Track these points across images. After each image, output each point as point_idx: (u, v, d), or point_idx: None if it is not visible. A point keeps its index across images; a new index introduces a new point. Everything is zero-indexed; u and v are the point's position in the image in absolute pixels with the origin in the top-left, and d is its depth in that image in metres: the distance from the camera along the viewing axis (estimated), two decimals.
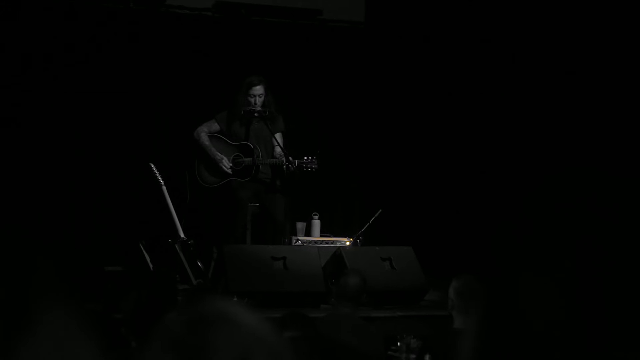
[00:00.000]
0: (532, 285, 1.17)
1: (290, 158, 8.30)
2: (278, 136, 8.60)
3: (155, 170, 8.12)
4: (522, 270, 1.19)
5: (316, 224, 9.17)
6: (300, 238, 8.90)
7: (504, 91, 9.57)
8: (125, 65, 9.48)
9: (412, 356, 5.52)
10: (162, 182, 8.06)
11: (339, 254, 7.96)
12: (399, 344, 5.61)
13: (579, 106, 8.77)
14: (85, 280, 7.26)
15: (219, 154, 8.56)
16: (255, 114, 8.51)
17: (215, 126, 8.70)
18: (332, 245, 8.61)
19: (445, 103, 10.09)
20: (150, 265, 7.70)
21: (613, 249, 1.16)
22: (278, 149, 8.54)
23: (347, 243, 8.75)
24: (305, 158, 8.36)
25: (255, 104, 8.48)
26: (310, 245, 8.60)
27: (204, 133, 8.66)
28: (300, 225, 9.14)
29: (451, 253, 9.04)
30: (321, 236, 9.08)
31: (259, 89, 8.48)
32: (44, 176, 9.10)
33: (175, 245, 7.81)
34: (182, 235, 7.89)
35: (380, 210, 8.94)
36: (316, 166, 8.38)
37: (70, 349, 1.52)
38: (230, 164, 8.54)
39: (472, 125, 9.89)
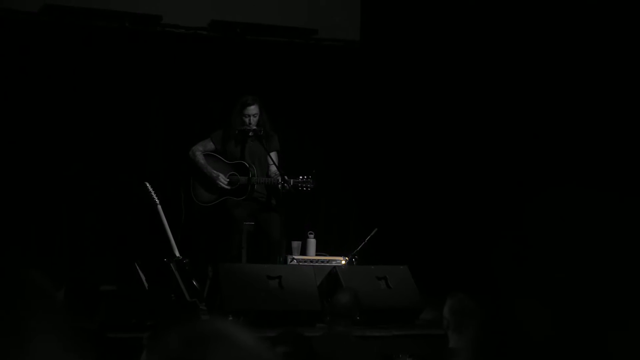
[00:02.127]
0: (530, 302, 1.18)
1: (286, 177, 8.30)
2: (273, 155, 8.61)
3: (151, 189, 8.11)
4: (520, 287, 1.20)
5: (312, 242, 9.17)
6: (295, 257, 8.89)
7: (498, 110, 9.59)
8: (121, 84, 9.49)
9: None
10: (157, 201, 8.05)
11: (334, 272, 7.96)
12: None
13: (568, 123, 8.78)
14: (80, 299, 7.24)
15: (215, 171, 8.57)
16: (250, 134, 8.53)
17: (210, 145, 8.72)
18: (327, 264, 8.59)
19: (440, 122, 10.11)
20: (146, 285, 7.68)
21: (610, 263, 1.17)
22: (273, 168, 8.55)
23: (343, 262, 8.74)
24: (301, 177, 8.36)
25: (250, 123, 8.50)
26: (305, 264, 8.59)
27: (199, 152, 8.67)
28: (296, 244, 9.14)
29: (447, 272, 9.03)
30: (317, 255, 9.06)
31: (253, 109, 8.51)
32: (38, 195, 9.10)
33: (171, 264, 7.79)
34: (177, 254, 7.87)
35: (376, 229, 8.93)
36: (312, 186, 8.38)
37: None
38: (227, 180, 8.55)
39: (467, 144, 9.90)
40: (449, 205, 9.90)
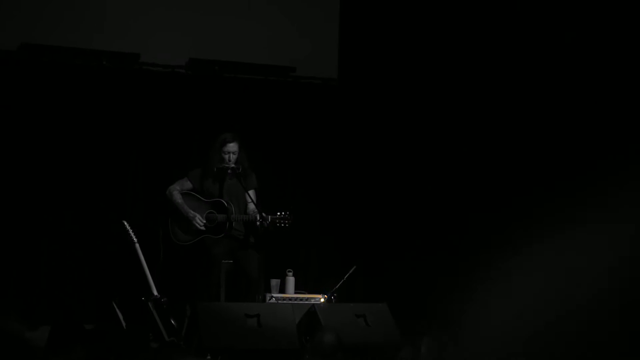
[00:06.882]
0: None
1: (264, 214, 8.30)
2: (251, 193, 8.61)
3: (129, 228, 8.09)
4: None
5: (290, 280, 9.15)
6: (274, 295, 8.87)
7: (478, 143, 9.60)
8: (99, 122, 9.47)
9: None
10: (135, 240, 8.03)
11: (313, 310, 7.94)
12: None
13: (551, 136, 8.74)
14: (63, 339, 7.18)
15: (192, 211, 8.55)
16: (229, 171, 8.53)
17: (187, 184, 8.70)
18: (306, 302, 8.58)
19: (418, 160, 10.14)
20: (123, 323, 7.64)
21: None
22: (251, 206, 8.54)
23: (322, 300, 8.72)
24: (279, 213, 8.38)
25: (229, 160, 8.51)
26: (284, 302, 8.57)
27: (176, 191, 8.65)
28: (275, 282, 9.12)
29: (426, 310, 9.01)
30: (295, 293, 9.05)
31: (233, 146, 8.52)
32: (17, 233, 9.04)
33: (149, 303, 7.76)
34: (155, 292, 7.84)
35: (355, 267, 8.93)
36: (290, 221, 8.39)
37: None
38: (204, 221, 8.52)
39: (445, 182, 9.92)
40: (428, 243, 9.90)
